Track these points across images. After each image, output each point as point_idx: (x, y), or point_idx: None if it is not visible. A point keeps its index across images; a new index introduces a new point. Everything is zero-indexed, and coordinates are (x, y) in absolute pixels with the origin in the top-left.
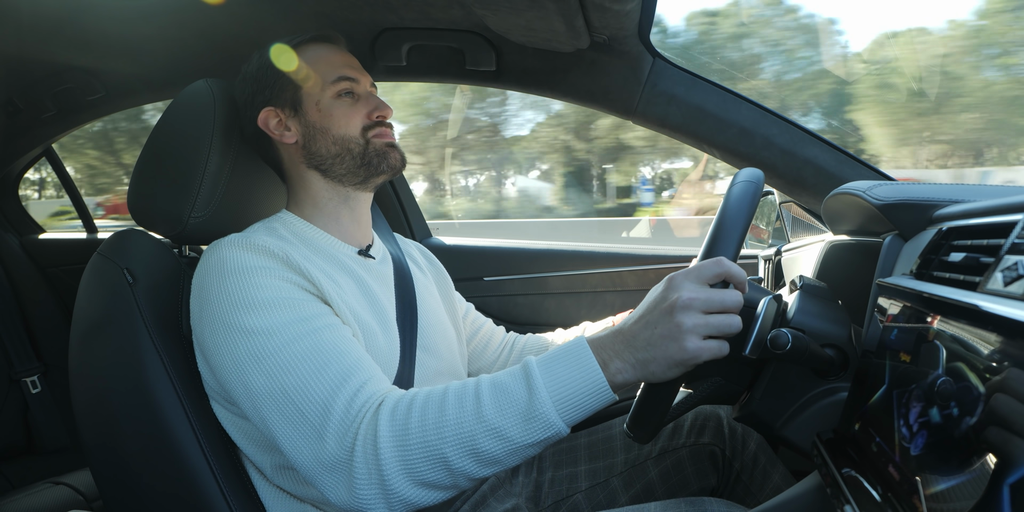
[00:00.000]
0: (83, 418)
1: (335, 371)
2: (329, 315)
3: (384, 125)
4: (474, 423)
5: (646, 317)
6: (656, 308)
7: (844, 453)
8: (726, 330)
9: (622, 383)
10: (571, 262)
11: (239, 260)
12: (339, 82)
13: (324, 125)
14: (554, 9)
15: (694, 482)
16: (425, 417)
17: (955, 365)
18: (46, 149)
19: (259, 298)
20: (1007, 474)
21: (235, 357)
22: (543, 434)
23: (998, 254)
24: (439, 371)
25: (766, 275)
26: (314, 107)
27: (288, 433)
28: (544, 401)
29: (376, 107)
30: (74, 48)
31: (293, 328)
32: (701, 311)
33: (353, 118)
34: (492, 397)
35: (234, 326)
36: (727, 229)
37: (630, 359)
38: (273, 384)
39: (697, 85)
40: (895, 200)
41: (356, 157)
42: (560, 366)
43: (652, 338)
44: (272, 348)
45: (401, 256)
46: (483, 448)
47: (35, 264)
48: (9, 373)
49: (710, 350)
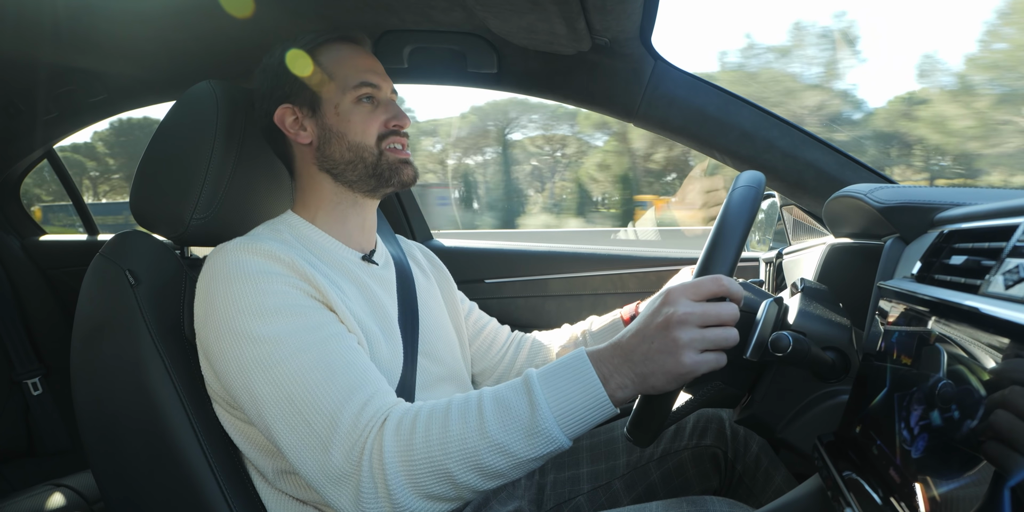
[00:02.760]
0: (84, 420)
1: (342, 383)
2: (335, 323)
3: (400, 135)
4: (478, 439)
5: (643, 331)
6: (652, 323)
7: (845, 456)
8: (723, 343)
9: (623, 398)
10: (572, 264)
11: (245, 265)
12: (361, 87)
13: (341, 130)
14: (556, 11)
15: (696, 484)
16: (430, 433)
17: (956, 368)
18: (48, 151)
19: (266, 305)
20: (1008, 477)
21: (241, 364)
22: (546, 449)
23: (999, 257)
24: (441, 377)
25: (767, 278)
26: (333, 110)
27: (293, 443)
28: (546, 416)
29: (394, 116)
30: (76, 50)
31: (301, 337)
32: (697, 325)
33: (370, 125)
34: (495, 412)
35: (241, 333)
36: (727, 233)
37: (630, 374)
38: (280, 393)
39: (698, 88)
40: (896, 203)
41: (369, 166)
42: (562, 381)
43: (650, 352)
44: (279, 357)
45: (404, 259)
46: (487, 463)
47: (36, 266)
48: (10, 375)
49: (707, 363)
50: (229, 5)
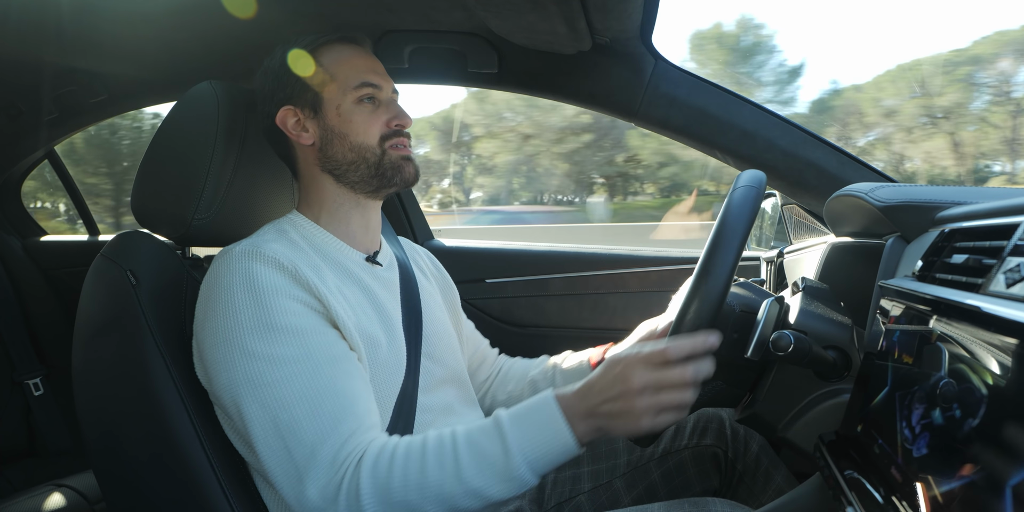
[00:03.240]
0: (86, 420)
1: (328, 415)
2: (334, 344)
3: (402, 135)
4: (454, 484)
5: (604, 393)
6: (611, 389)
7: (846, 455)
8: (680, 404)
9: (590, 440)
10: (573, 264)
11: (250, 274)
12: (362, 88)
13: (343, 130)
14: (556, 11)
15: (696, 484)
16: (407, 476)
17: (957, 367)
18: (48, 152)
19: (267, 321)
20: (1009, 476)
21: (232, 377)
22: (518, 490)
23: (1000, 256)
24: (444, 379)
25: (768, 277)
26: (334, 111)
27: (272, 464)
28: (519, 463)
29: (396, 115)
30: (77, 50)
31: (296, 361)
32: (653, 392)
33: (372, 126)
34: (470, 458)
35: (236, 345)
36: (729, 233)
37: (594, 424)
38: (266, 415)
39: (699, 87)
40: (897, 202)
41: (371, 166)
42: (533, 428)
43: (612, 412)
44: (271, 379)
45: (407, 261)
46: (461, 505)
47: (37, 266)
48: (12, 376)
49: (666, 422)
50: (230, 5)
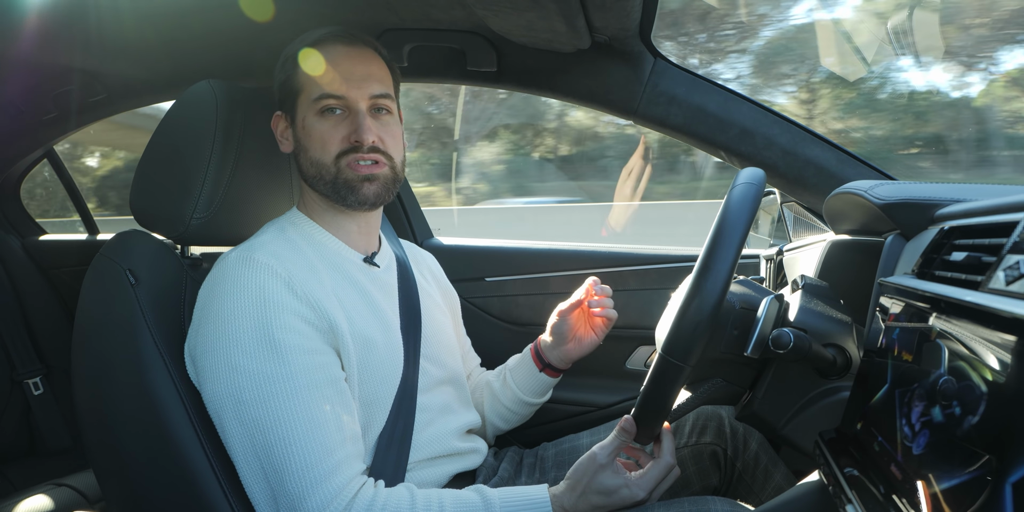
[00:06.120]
0: (85, 419)
1: (302, 451)
2: (322, 368)
3: (360, 151)
4: None
5: (594, 503)
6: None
7: (846, 452)
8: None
9: None
10: (572, 262)
11: (247, 283)
12: (321, 100)
13: (304, 144)
14: (555, 9)
15: (696, 482)
16: None
17: (957, 364)
18: (47, 151)
19: (255, 336)
20: (1009, 473)
21: (216, 388)
22: None
23: (1000, 253)
24: (441, 380)
25: (768, 275)
26: (301, 122)
27: (247, 478)
28: None
29: (355, 130)
30: (75, 50)
31: (278, 384)
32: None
33: (329, 142)
34: None
35: (223, 357)
36: (728, 231)
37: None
38: (244, 432)
39: (698, 85)
40: (897, 199)
41: (327, 184)
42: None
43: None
44: (252, 398)
45: (407, 262)
46: None
47: (37, 266)
48: (11, 375)
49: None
50: (230, 4)
